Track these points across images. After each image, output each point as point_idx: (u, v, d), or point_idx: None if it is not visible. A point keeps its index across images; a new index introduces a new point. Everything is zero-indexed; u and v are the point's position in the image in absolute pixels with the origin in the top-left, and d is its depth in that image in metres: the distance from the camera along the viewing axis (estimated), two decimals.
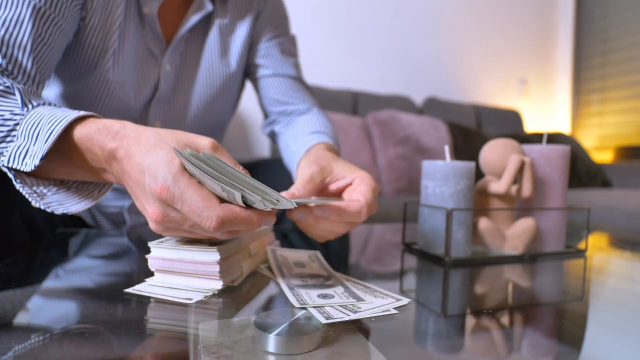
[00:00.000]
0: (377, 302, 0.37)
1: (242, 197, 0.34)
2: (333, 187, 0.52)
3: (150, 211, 0.36)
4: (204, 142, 0.39)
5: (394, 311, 0.35)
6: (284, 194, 0.47)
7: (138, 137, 0.39)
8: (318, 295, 0.38)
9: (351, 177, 0.51)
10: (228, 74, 0.79)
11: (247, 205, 0.35)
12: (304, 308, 0.34)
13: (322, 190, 0.53)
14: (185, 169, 0.35)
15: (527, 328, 0.36)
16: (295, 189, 0.49)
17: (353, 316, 0.33)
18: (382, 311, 0.35)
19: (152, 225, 0.38)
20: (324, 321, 0.31)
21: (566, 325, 0.37)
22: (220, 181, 0.33)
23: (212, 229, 0.34)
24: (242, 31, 0.79)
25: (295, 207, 0.43)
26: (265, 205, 0.34)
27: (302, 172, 0.53)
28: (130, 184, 0.39)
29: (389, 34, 2.52)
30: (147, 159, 0.36)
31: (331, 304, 0.36)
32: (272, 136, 0.88)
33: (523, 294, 0.47)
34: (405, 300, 0.38)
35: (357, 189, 0.49)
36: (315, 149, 0.66)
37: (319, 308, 0.35)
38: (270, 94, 0.82)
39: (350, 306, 0.35)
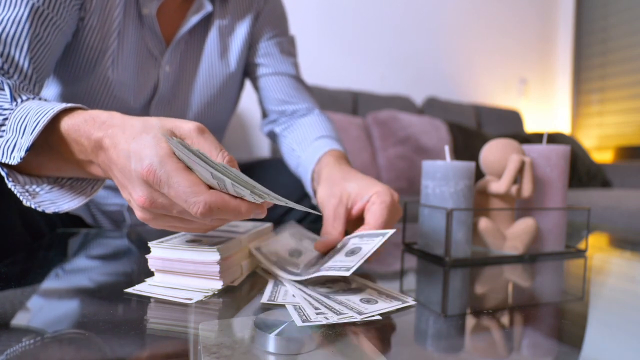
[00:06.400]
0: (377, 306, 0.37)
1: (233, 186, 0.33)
2: (354, 212, 0.50)
3: (137, 197, 0.35)
4: (189, 126, 0.37)
5: (378, 317, 0.34)
6: (318, 243, 0.46)
7: (123, 125, 0.38)
8: (361, 300, 0.37)
9: (367, 196, 0.49)
10: (228, 75, 0.79)
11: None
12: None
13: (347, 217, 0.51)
14: (174, 154, 0.34)
15: (527, 328, 0.36)
16: (326, 232, 0.47)
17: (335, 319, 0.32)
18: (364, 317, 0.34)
19: (139, 214, 0.37)
20: (299, 323, 0.31)
21: (566, 325, 0.37)
22: (211, 167, 0.32)
23: (199, 215, 0.33)
24: (241, 31, 0.79)
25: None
26: (254, 199, 0.33)
27: (325, 207, 0.51)
28: (116, 173, 0.38)
29: (389, 33, 2.51)
30: (132, 144, 0.35)
31: (382, 309, 0.35)
32: (272, 136, 0.88)
33: (523, 294, 0.47)
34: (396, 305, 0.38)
35: (370, 209, 0.47)
36: (326, 163, 0.64)
37: (298, 309, 0.34)
38: (270, 92, 0.82)
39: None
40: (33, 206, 0.45)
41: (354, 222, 0.51)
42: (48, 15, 0.56)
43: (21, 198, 0.45)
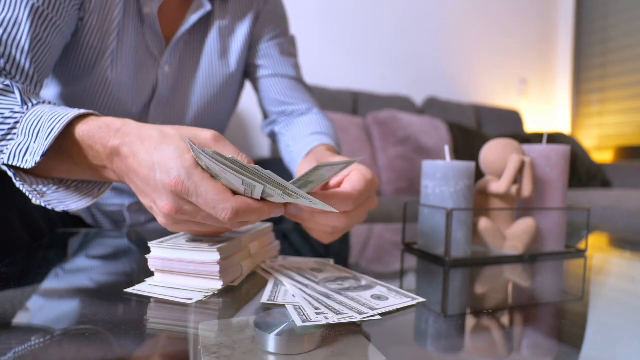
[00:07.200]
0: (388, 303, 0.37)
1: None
2: (332, 182, 0.49)
3: (163, 205, 0.37)
4: (206, 135, 0.40)
5: (378, 317, 0.34)
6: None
7: (141, 135, 0.39)
8: (372, 296, 0.38)
9: (348, 170, 0.48)
10: (228, 75, 0.79)
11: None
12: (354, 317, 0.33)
13: (325, 187, 0.51)
14: (198, 164, 0.36)
15: (527, 328, 0.36)
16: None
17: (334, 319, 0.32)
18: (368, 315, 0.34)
19: (162, 220, 0.39)
20: (299, 323, 0.30)
21: (566, 325, 0.37)
22: (244, 175, 0.34)
23: (227, 220, 0.35)
24: (241, 32, 0.79)
25: (288, 203, 0.44)
26: (283, 199, 0.35)
27: (302, 169, 0.52)
28: (136, 181, 0.39)
29: (389, 33, 2.52)
30: (155, 155, 0.37)
31: (393, 305, 0.36)
32: (272, 136, 0.88)
33: (523, 294, 0.47)
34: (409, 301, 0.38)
35: (348, 178, 0.47)
36: (316, 149, 0.66)
37: (299, 309, 0.34)
38: (270, 94, 0.82)
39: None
40: (43, 204, 0.45)
41: None
42: (48, 16, 0.56)
43: (30, 196, 0.45)
